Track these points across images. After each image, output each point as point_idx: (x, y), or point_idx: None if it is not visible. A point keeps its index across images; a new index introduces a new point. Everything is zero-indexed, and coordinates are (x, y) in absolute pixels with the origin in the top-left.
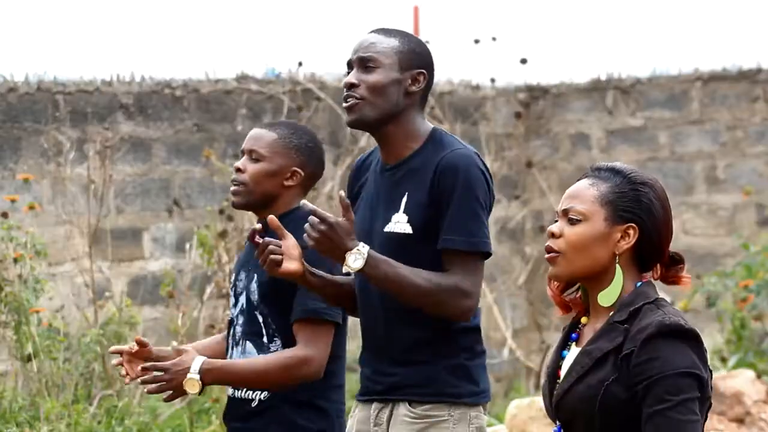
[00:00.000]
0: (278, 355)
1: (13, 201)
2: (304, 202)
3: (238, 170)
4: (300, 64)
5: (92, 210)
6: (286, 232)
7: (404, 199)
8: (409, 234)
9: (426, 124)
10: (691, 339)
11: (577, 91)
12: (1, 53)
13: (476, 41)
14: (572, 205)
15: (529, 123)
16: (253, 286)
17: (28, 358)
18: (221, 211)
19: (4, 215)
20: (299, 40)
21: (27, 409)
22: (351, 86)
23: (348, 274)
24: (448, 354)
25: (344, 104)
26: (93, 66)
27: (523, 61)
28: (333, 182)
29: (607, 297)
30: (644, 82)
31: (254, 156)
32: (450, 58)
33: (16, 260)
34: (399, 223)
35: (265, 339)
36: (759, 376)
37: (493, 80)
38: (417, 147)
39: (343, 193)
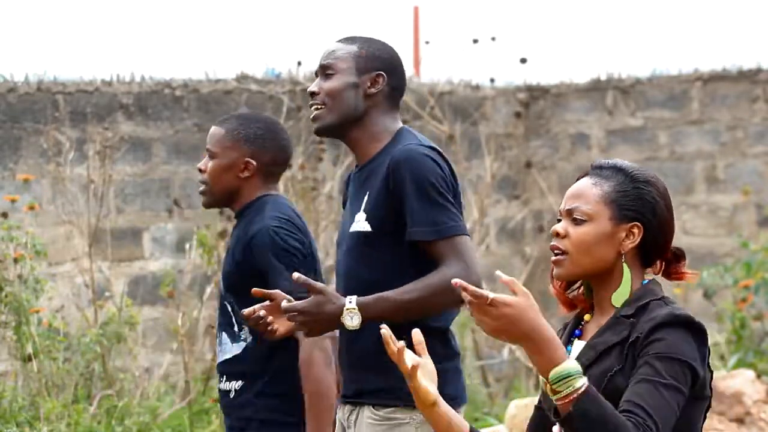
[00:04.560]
0: None
1: (13, 201)
2: (297, 275)
3: (201, 171)
4: (300, 64)
5: (92, 210)
6: (272, 293)
7: (365, 198)
8: (368, 232)
9: (395, 124)
10: (698, 333)
11: (577, 91)
12: (1, 53)
13: (475, 41)
14: (576, 205)
15: (529, 123)
16: (221, 276)
17: (28, 358)
18: (221, 211)
19: (4, 215)
20: (299, 40)
21: (27, 409)
22: (312, 94)
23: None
24: None
25: (310, 114)
26: (93, 66)
27: (523, 60)
28: (333, 182)
29: (618, 297)
30: (644, 82)
31: (210, 155)
32: (450, 58)
33: (16, 260)
34: (359, 222)
35: (235, 328)
36: (759, 376)
37: (492, 80)
38: (381, 147)
39: (296, 275)
